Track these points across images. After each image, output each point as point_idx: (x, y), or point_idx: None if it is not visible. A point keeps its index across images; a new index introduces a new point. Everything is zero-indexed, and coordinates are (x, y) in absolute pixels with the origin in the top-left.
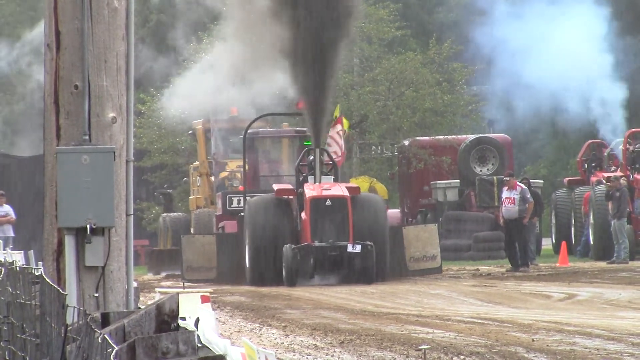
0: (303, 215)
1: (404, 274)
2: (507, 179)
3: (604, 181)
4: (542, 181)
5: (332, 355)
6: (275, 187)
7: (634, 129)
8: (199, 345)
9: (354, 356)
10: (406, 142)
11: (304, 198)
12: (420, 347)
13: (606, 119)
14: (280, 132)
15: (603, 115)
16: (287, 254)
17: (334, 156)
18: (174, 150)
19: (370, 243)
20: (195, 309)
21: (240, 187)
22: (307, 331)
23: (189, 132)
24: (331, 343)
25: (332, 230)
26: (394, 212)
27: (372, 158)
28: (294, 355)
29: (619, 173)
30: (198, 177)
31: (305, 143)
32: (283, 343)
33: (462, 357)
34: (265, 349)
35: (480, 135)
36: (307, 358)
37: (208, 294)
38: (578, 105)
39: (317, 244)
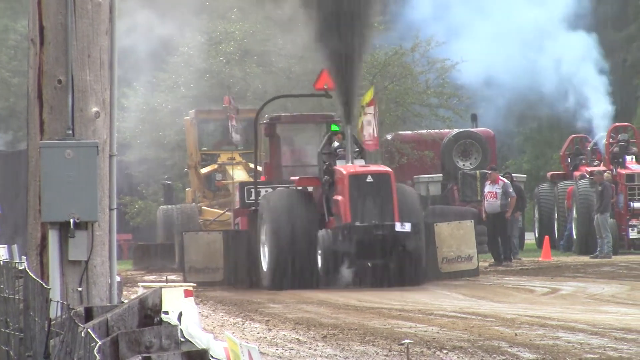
0: (337, 197)
1: (436, 276)
2: (490, 173)
3: (588, 175)
4: (525, 175)
5: (315, 350)
6: (295, 177)
7: (617, 124)
8: (182, 339)
9: (337, 350)
10: (389, 137)
11: (337, 177)
12: (403, 342)
13: (590, 112)
14: (304, 117)
15: (587, 108)
16: (324, 238)
17: (368, 139)
18: (158, 144)
19: (418, 222)
20: (178, 303)
21: (262, 178)
22: (290, 325)
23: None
24: (314, 337)
25: (375, 210)
26: None
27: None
28: (276, 349)
29: (602, 167)
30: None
31: (333, 128)
32: (266, 337)
33: (445, 351)
34: (248, 343)
35: (463, 129)
36: (289, 352)
37: (191, 288)
38: (561, 97)
39: (358, 224)
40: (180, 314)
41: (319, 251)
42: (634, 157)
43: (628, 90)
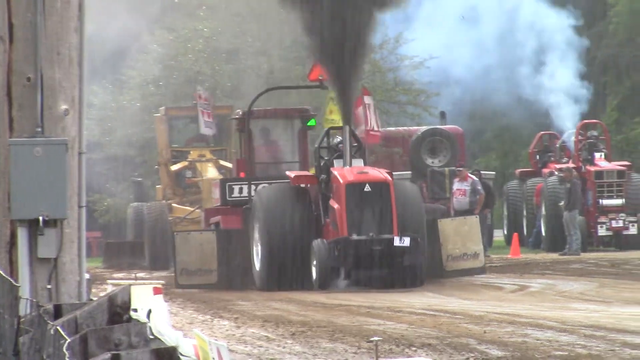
0: (334, 204)
1: (441, 275)
2: (459, 170)
3: (556, 172)
4: (493, 173)
5: (284, 347)
6: (291, 173)
7: (586, 121)
8: (151, 337)
9: (305, 348)
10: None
11: (333, 184)
12: (371, 339)
13: (558, 110)
14: (278, 112)
15: (555, 106)
16: (320, 250)
17: (371, 130)
18: (127, 142)
19: (418, 236)
20: (148, 301)
21: (242, 174)
22: (259, 323)
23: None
24: (282, 335)
25: (373, 222)
26: None
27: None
28: (245, 346)
29: (571, 164)
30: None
31: (309, 124)
32: (235, 334)
33: (413, 348)
34: (217, 340)
35: (432, 126)
36: (258, 350)
37: (160, 286)
38: (532, 95)
39: (355, 237)
40: (150, 312)
41: (314, 262)
42: (602, 154)
43: (597, 87)
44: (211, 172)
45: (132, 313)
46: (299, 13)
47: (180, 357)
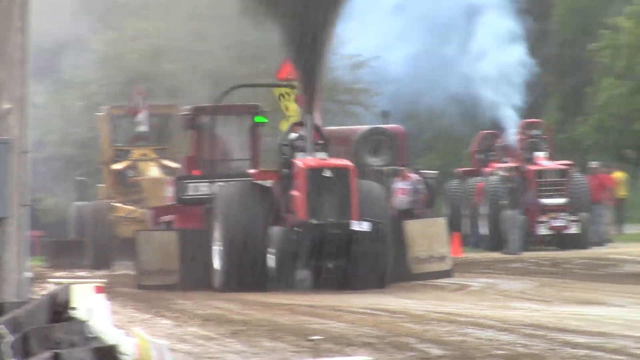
0: (295, 193)
1: (406, 277)
2: (400, 169)
3: (499, 172)
4: (435, 172)
5: (225, 346)
6: (253, 170)
7: (528, 120)
8: (92, 335)
9: (246, 346)
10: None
11: (294, 172)
12: (312, 338)
13: (500, 108)
14: (229, 108)
15: (497, 105)
16: (277, 235)
17: None
18: (70, 141)
19: (381, 222)
20: (89, 300)
21: (195, 172)
22: (199, 321)
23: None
24: (223, 334)
25: (333, 208)
26: None
27: (263, 150)
28: (186, 345)
29: (512, 164)
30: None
31: (257, 120)
32: (175, 333)
33: (353, 347)
34: (157, 339)
35: (374, 126)
36: (199, 348)
37: (101, 284)
38: (471, 93)
39: (314, 222)
40: (91, 310)
41: (272, 250)
42: (544, 153)
43: (539, 86)
44: (153, 171)
45: (73, 312)
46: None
47: (121, 355)
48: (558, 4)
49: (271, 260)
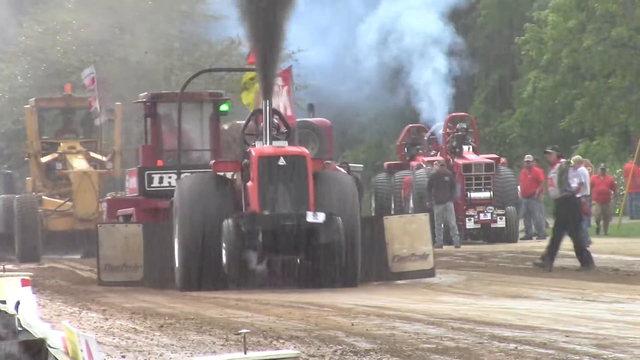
0: (249, 183)
1: (385, 276)
2: (327, 163)
3: (424, 165)
4: (362, 165)
5: (152, 339)
6: (213, 160)
7: (454, 113)
8: (20, 328)
9: (174, 340)
10: (226, 127)
11: (250, 164)
12: (239, 331)
13: (428, 102)
14: (189, 95)
15: (424, 98)
16: (227, 228)
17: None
18: None
19: (337, 215)
20: (16, 293)
21: (159, 162)
22: (127, 315)
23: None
24: (150, 327)
25: (287, 199)
26: None
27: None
28: (113, 339)
29: (439, 157)
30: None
31: (222, 109)
32: (103, 327)
33: (281, 341)
34: (85, 332)
35: (300, 119)
36: (126, 342)
37: (28, 277)
38: (399, 87)
39: (266, 213)
40: (18, 303)
41: (223, 244)
42: (470, 147)
43: (466, 79)
44: (81, 164)
45: (0, 305)
46: None
47: (49, 348)
48: None
49: (223, 256)
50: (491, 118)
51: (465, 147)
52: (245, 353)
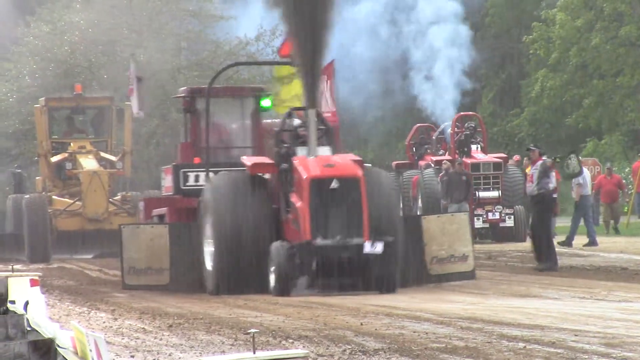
0: (296, 201)
1: (424, 279)
2: None
3: (432, 165)
4: (370, 165)
5: (161, 339)
6: (247, 160)
7: (462, 113)
8: (29, 328)
9: (183, 340)
10: None
11: (295, 176)
12: (248, 331)
13: (436, 101)
14: (230, 90)
15: (433, 97)
16: (279, 255)
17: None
18: (3, 134)
19: (391, 239)
20: (25, 293)
21: (196, 160)
22: (136, 315)
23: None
24: (159, 327)
25: (340, 223)
26: None
27: None
28: (122, 338)
29: (447, 157)
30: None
31: (263, 104)
32: (112, 327)
33: (290, 340)
34: (94, 332)
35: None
36: (135, 342)
37: (37, 277)
38: (406, 86)
39: (320, 242)
40: (27, 303)
41: (272, 268)
42: (479, 146)
43: (475, 78)
44: (91, 163)
45: (9, 305)
46: None
47: (58, 348)
48: None
49: (271, 279)
50: (499, 117)
51: (473, 147)
52: (254, 353)
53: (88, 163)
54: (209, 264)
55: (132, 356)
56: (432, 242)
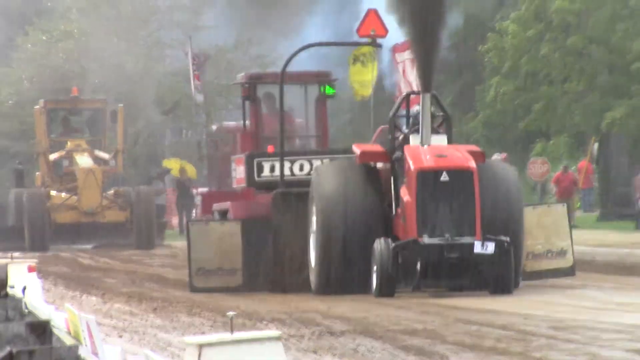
0: (404, 194)
1: (518, 277)
2: None
3: None
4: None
5: (146, 321)
6: (358, 148)
7: None
8: (26, 311)
9: (166, 321)
10: (214, 127)
11: (404, 167)
12: (227, 314)
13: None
14: (292, 76)
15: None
16: (381, 253)
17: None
18: (2, 134)
19: (506, 239)
20: (22, 278)
21: (270, 148)
22: (124, 299)
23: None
24: (145, 309)
25: (449, 220)
26: None
27: (182, 141)
28: (111, 320)
29: None
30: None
31: (328, 91)
32: (102, 309)
33: (264, 322)
34: (86, 314)
35: None
36: (123, 323)
37: (34, 264)
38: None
39: (426, 240)
40: (25, 288)
41: (374, 267)
42: None
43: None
44: (86, 161)
45: (8, 289)
46: None
47: (53, 329)
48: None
49: (373, 278)
50: (456, 120)
51: None
52: (232, 333)
53: (83, 161)
54: (313, 261)
55: (120, 336)
56: (527, 236)
